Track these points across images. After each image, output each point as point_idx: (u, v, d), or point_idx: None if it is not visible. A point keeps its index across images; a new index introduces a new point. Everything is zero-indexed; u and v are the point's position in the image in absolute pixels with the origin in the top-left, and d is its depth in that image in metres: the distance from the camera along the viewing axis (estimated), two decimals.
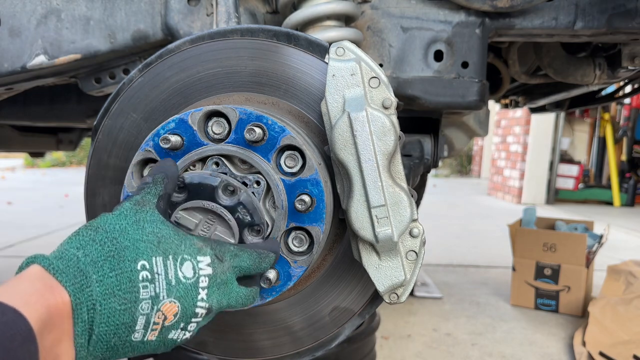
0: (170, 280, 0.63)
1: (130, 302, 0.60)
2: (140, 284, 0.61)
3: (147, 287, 0.62)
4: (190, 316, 0.66)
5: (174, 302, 0.63)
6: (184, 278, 0.64)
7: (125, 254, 0.61)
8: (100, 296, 0.58)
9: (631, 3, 1.17)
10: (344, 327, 0.89)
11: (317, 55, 0.84)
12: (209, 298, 0.67)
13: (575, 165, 8.40)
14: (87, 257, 0.60)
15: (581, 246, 2.77)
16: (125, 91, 0.89)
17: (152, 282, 0.62)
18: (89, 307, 0.58)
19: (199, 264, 0.66)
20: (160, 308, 0.62)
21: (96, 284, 0.59)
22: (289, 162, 0.78)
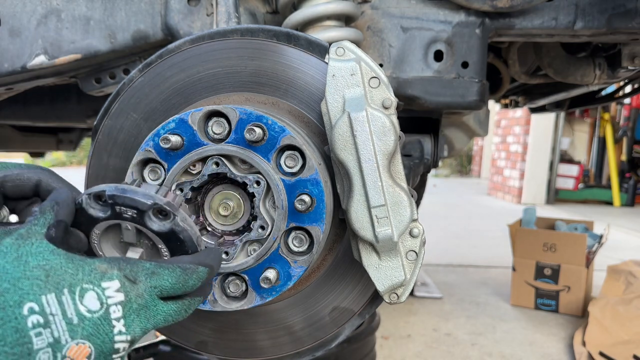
0: (71, 319, 0.53)
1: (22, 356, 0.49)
2: (31, 332, 0.50)
3: (42, 333, 0.51)
4: (109, 353, 0.55)
5: (82, 344, 0.53)
6: (88, 312, 0.54)
7: (6, 298, 0.50)
8: None
9: (631, 3, 1.17)
10: (344, 327, 0.89)
11: (317, 55, 0.84)
12: (129, 329, 0.56)
13: (575, 165, 8.40)
14: None
15: (581, 246, 2.77)
16: (126, 91, 0.89)
17: (46, 327, 0.51)
18: None
19: (105, 292, 0.55)
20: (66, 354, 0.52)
21: None
22: (289, 162, 0.78)
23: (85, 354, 0.53)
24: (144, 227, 0.62)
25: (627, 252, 4.51)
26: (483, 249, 4.56)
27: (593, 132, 8.87)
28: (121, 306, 0.56)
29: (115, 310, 0.55)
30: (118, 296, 0.56)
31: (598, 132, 8.70)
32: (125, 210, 0.61)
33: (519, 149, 8.24)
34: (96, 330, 0.54)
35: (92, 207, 0.63)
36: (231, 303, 0.79)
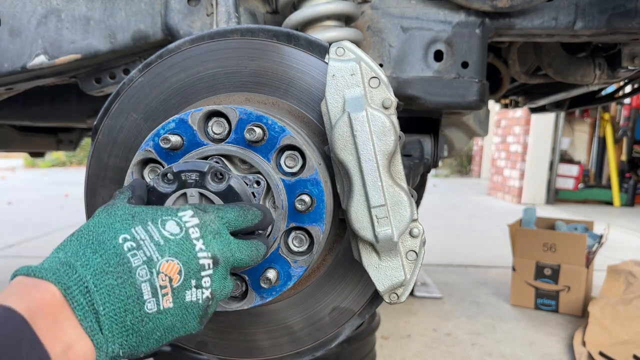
0: (158, 241, 0.62)
1: (125, 273, 0.59)
2: (127, 254, 0.60)
3: (136, 254, 0.61)
4: (197, 270, 0.64)
5: (171, 260, 0.62)
6: (171, 235, 0.63)
7: (104, 237, 0.61)
8: (91, 277, 0.58)
9: (631, 3, 1.17)
10: (344, 327, 0.89)
11: (317, 55, 0.84)
12: (208, 247, 0.65)
13: (575, 165, 8.40)
14: (66, 253, 0.60)
15: (581, 246, 2.77)
16: (126, 91, 0.89)
17: (139, 249, 0.61)
18: (83, 291, 0.57)
19: (182, 219, 0.65)
20: (160, 270, 0.61)
21: (82, 268, 0.58)
22: (289, 162, 0.78)
23: (176, 269, 0.62)
24: (205, 189, 0.72)
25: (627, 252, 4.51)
26: (483, 249, 4.56)
27: (593, 132, 8.87)
28: (198, 228, 0.65)
29: (193, 232, 0.64)
30: (193, 220, 0.65)
31: (598, 132, 8.70)
32: (189, 176, 0.72)
33: (519, 149, 8.24)
34: (180, 248, 0.63)
35: (161, 185, 0.73)
36: (231, 303, 0.79)
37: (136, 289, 0.60)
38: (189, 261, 0.63)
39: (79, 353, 0.55)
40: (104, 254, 0.60)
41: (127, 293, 0.59)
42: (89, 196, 0.92)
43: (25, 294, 0.54)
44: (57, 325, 0.54)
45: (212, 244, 0.65)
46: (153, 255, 0.61)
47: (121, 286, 0.59)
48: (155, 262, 0.61)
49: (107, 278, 0.59)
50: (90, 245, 0.61)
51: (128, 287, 0.59)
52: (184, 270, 0.62)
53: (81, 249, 0.60)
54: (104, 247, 0.60)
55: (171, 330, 0.64)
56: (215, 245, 0.66)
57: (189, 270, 0.63)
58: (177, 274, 0.62)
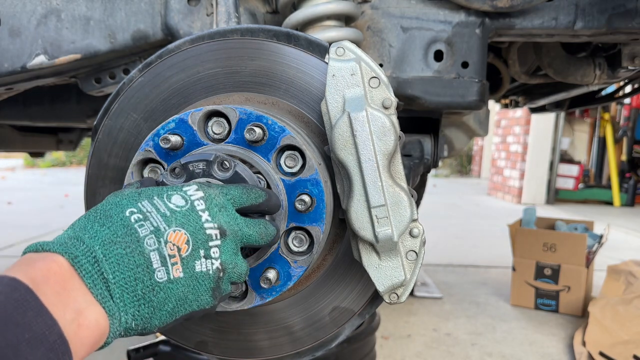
0: (165, 213, 0.63)
1: (132, 242, 0.60)
2: (135, 225, 0.61)
3: (143, 225, 0.61)
4: (205, 240, 0.64)
5: (178, 230, 0.62)
6: (177, 207, 0.64)
7: (111, 211, 0.62)
8: (99, 247, 0.58)
9: (631, 3, 1.17)
10: (344, 327, 0.89)
11: (317, 55, 0.84)
12: (214, 218, 0.65)
13: (575, 165, 8.39)
14: (75, 228, 0.61)
15: (581, 246, 2.77)
16: (125, 91, 0.89)
17: (145, 220, 0.62)
18: (91, 261, 0.57)
19: (187, 192, 0.66)
20: (167, 239, 0.62)
21: (89, 240, 0.59)
22: (289, 162, 0.78)
23: (183, 239, 0.63)
24: (213, 177, 0.74)
25: (627, 252, 4.51)
26: (483, 249, 4.56)
27: (593, 132, 8.87)
28: (203, 200, 0.66)
29: (199, 204, 0.66)
30: (198, 194, 0.66)
31: (598, 132, 8.70)
32: (196, 166, 0.74)
33: (519, 149, 8.24)
34: (187, 219, 0.64)
35: (169, 179, 0.74)
36: (231, 303, 0.79)
37: (145, 258, 0.60)
38: (195, 231, 0.64)
39: (91, 319, 0.55)
40: (112, 226, 0.61)
41: (136, 261, 0.60)
42: (89, 196, 0.92)
43: (31, 266, 0.54)
44: (65, 292, 0.54)
45: (217, 215, 0.66)
46: (160, 226, 0.62)
47: (130, 255, 0.59)
48: (162, 231, 0.62)
49: (116, 247, 0.59)
50: (98, 219, 0.62)
51: (137, 255, 0.60)
52: (191, 240, 0.63)
53: (89, 223, 0.61)
54: (111, 220, 0.61)
55: (184, 301, 0.63)
56: (221, 218, 0.66)
57: (197, 240, 0.64)
58: (185, 243, 0.63)
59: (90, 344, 0.55)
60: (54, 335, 0.50)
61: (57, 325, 0.51)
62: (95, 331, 0.55)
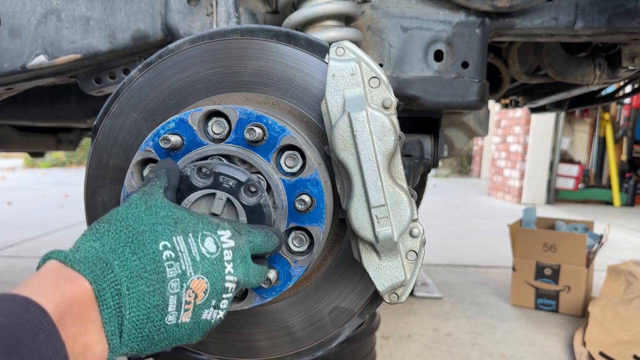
0: (195, 257, 0.62)
1: (158, 282, 0.59)
2: (165, 263, 0.60)
3: (173, 265, 0.61)
4: (221, 292, 0.65)
5: (202, 278, 0.62)
6: (207, 253, 0.64)
7: (144, 237, 0.61)
8: (125, 280, 0.57)
9: (631, 3, 1.17)
10: (344, 327, 0.89)
11: (317, 55, 0.84)
12: (236, 271, 0.66)
13: (576, 165, 8.39)
14: (104, 247, 0.59)
15: (581, 246, 2.77)
16: (125, 91, 0.89)
17: (177, 261, 0.61)
18: (114, 293, 0.56)
19: (221, 238, 0.66)
20: (190, 285, 0.61)
21: (119, 269, 0.58)
22: (289, 162, 0.78)
23: (203, 288, 0.63)
24: (237, 198, 0.73)
25: (627, 252, 4.51)
26: (483, 249, 4.56)
27: (593, 132, 8.87)
28: (232, 251, 0.66)
29: (227, 254, 0.65)
30: (230, 243, 0.66)
31: (598, 132, 8.70)
32: (227, 180, 0.73)
33: (519, 149, 8.24)
34: (213, 268, 0.64)
35: (195, 177, 0.74)
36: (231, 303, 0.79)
37: (164, 301, 0.60)
38: (216, 282, 0.64)
39: (96, 354, 0.55)
40: (142, 258, 0.60)
41: (154, 302, 0.59)
42: (88, 196, 0.92)
43: (58, 288, 0.53)
44: (82, 324, 0.54)
45: (239, 268, 0.67)
46: (187, 270, 0.62)
47: (151, 294, 0.59)
48: (187, 277, 0.61)
49: (140, 284, 0.58)
50: (130, 244, 0.60)
51: (157, 296, 0.59)
52: (209, 290, 0.63)
53: (120, 246, 0.60)
54: (143, 250, 0.60)
55: (179, 340, 0.64)
56: (240, 270, 0.67)
57: (214, 291, 0.64)
58: (203, 292, 0.63)
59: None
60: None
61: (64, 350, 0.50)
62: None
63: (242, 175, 0.73)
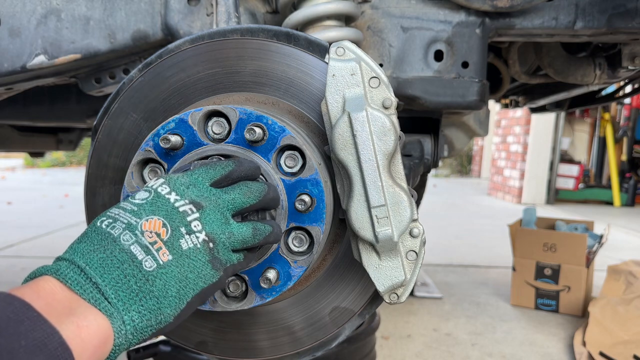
0: (132, 209, 0.64)
1: (109, 243, 0.60)
2: (107, 229, 0.62)
3: (115, 226, 0.62)
4: (182, 218, 0.64)
5: (150, 218, 0.63)
6: (142, 200, 0.65)
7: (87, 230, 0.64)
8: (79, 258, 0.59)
9: (631, 3, 1.17)
10: (344, 327, 0.89)
11: (317, 55, 0.84)
12: (183, 196, 0.66)
13: (576, 165, 8.39)
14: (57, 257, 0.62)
15: (581, 246, 2.77)
16: (125, 91, 0.89)
17: (116, 221, 0.63)
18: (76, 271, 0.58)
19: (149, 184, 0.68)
20: (142, 229, 0.62)
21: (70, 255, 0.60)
22: (289, 162, 0.78)
23: (159, 224, 0.63)
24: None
25: (627, 252, 4.51)
26: (483, 249, 4.56)
27: (593, 132, 8.87)
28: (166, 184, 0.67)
29: (163, 189, 0.66)
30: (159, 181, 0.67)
31: (598, 132, 8.69)
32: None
33: (519, 149, 8.24)
34: (155, 206, 0.64)
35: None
36: (231, 303, 0.79)
37: (127, 253, 0.60)
38: (168, 213, 0.64)
39: (90, 321, 0.55)
40: (87, 239, 0.62)
41: (119, 259, 0.60)
42: (88, 196, 0.92)
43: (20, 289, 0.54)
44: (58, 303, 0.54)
45: (186, 192, 0.66)
46: (131, 220, 0.63)
47: (111, 255, 0.60)
48: (134, 224, 0.62)
49: (95, 254, 0.60)
50: (77, 240, 0.63)
51: (118, 253, 0.60)
52: (167, 223, 0.63)
53: (69, 246, 0.62)
54: (86, 235, 0.63)
55: (185, 281, 0.63)
56: (190, 193, 0.66)
57: (173, 221, 0.64)
58: (162, 227, 0.63)
59: (95, 346, 0.54)
60: (54, 342, 0.50)
61: (57, 333, 0.50)
62: (98, 332, 0.55)
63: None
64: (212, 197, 0.68)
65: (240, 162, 0.72)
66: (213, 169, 0.70)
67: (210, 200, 0.67)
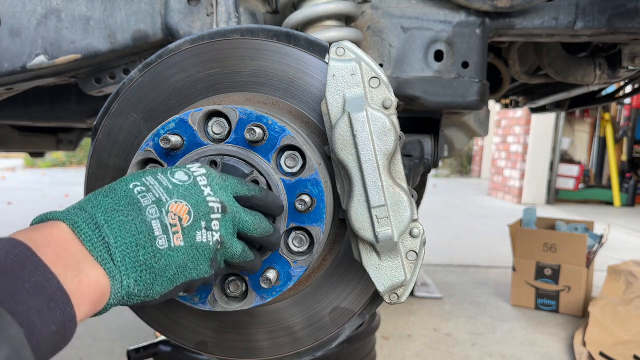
0: (167, 186, 0.65)
1: (134, 211, 0.62)
2: (137, 195, 0.63)
3: (145, 195, 0.63)
4: (207, 212, 0.66)
5: (180, 202, 0.64)
6: (179, 181, 0.66)
7: (116, 185, 0.65)
8: (101, 214, 0.60)
9: (631, 3, 1.17)
10: (344, 327, 0.89)
11: (317, 55, 0.84)
12: (216, 194, 0.67)
13: (576, 165, 8.39)
14: (80, 201, 0.63)
15: (581, 246, 2.77)
16: (125, 91, 0.89)
17: (148, 191, 0.64)
18: (91, 226, 0.59)
19: (191, 169, 0.69)
20: (169, 209, 0.63)
21: (92, 208, 0.61)
22: (289, 162, 0.78)
23: (185, 210, 0.65)
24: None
25: (627, 252, 4.51)
26: (483, 249, 4.56)
27: (593, 132, 8.87)
28: (205, 177, 0.68)
29: (201, 179, 0.68)
30: (200, 170, 0.69)
31: (598, 132, 8.69)
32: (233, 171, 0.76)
33: (519, 149, 8.24)
34: (188, 192, 0.66)
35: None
36: (231, 303, 0.79)
37: (147, 225, 0.62)
38: (197, 204, 0.66)
39: (91, 277, 0.56)
40: (115, 197, 0.63)
41: (138, 228, 0.61)
42: None
43: (33, 230, 0.56)
44: (66, 254, 0.55)
45: (219, 192, 0.68)
46: (162, 197, 0.64)
47: (132, 222, 0.61)
48: (164, 202, 0.64)
49: (118, 215, 0.61)
50: (102, 192, 0.64)
51: (139, 223, 0.61)
52: (193, 212, 0.65)
53: (93, 196, 0.63)
54: (114, 192, 0.63)
55: (183, 269, 0.65)
56: (221, 195, 0.69)
57: (198, 212, 0.65)
58: (186, 214, 0.64)
59: (92, 301, 0.56)
60: (53, 286, 0.51)
61: (55, 279, 0.52)
62: (96, 289, 0.57)
63: (246, 168, 0.76)
64: (234, 207, 0.70)
65: (267, 195, 0.74)
66: (241, 184, 0.72)
67: (232, 209, 0.69)
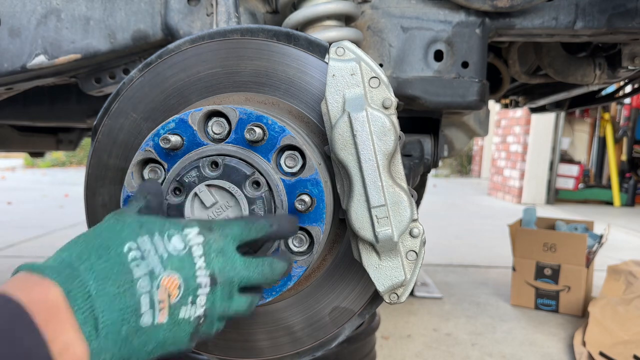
0: (162, 255, 0.63)
1: (126, 282, 0.60)
2: (131, 264, 0.61)
3: (140, 264, 0.61)
4: (195, 288, 0.64)
5: (172, 275, 0.62)
6: (174, 250, 0.64)
7: (110, 242, 0.62)
8: (93, 282, 0.58)
9: (631, 3, 1.17)
10: (344, 327, 0.89)
11: (317, 55, 0.84)
12: (209, 265, 0.65)
13: (576, 165, 8.39)
14: (72, 255, 0.60)
15: (581, 246, 2.77)
16: (125, 91, 0.89)
17: (143, 259, 0.62)
18: (84, 295, 0.57)
19: (187, 236, 0.66)
20: (160, 283, 0.61)
21: (85, 272, 0.58)
22: (289, 162, 0.78)
23: (175, 284, 0.63)
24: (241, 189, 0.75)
25: (627, 252, 4.51)
26: (483, 249, 4.56)
27: (593, 132, 8.87)
28: (201, 246, 0.66)
29: (196, 250, 0.65)
30: (198, 238, 0.66)
31: (598, 132, 8.69)
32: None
33: (519, 149, 8.24)
34: (182, 264, 0.64)
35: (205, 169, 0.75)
36: None
37: (135, 301, 0.60)
38: (187, 278, 0.64)
39: (76, 351, 0.55)
40: (109, 260, 0.60)
41: (126, 302, 0.59)
42: (88, 196, 0.92)
43: (26, 289, 0.54)
44: (58, 323, 0.54)
45: (214, 262, 0.66)
46: (155, 268, 0.62)
47: (121, 295, 0.59)
48: (156, 274, 0.62)
49: (109, 285, 0.59)
50: (96, 249, 0.61)
51: (128, 296, 0.59)
52: (183, 286, 0.63)
53: (86, 251, 0.61)
54: (109, 253, 0.61)
55: (162, 344, 0.63)
56: (216, 264, 0.66)
57: (188, 287, 0.64)
58: (176, 289, 0.63)
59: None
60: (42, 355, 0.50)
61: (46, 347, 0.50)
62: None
63: (248, 169, 0.75)
64: (232, 271, 0.68)
65: (279, 226, 0.72)
66: (248, 228, 0.70)
67: (228, 275, 0.67)
